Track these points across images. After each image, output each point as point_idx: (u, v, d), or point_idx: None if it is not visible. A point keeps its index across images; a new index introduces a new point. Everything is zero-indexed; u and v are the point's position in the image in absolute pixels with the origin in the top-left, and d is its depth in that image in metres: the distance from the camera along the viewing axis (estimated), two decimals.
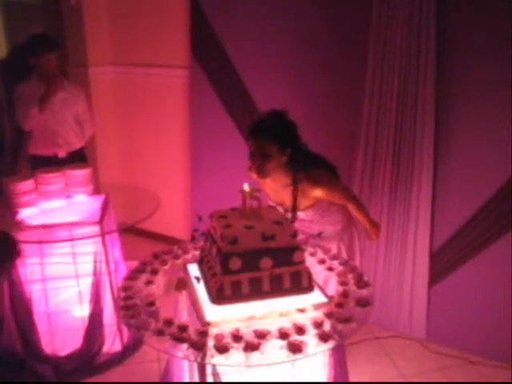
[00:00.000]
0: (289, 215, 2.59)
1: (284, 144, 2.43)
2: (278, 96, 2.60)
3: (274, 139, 2.41)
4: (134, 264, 2.42)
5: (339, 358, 2.19)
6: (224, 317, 1.93)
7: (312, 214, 2.71)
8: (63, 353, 3.09)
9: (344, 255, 2.78)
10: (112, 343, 3.18)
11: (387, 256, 3.42)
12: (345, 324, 1.92)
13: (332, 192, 2.61)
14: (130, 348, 3.26)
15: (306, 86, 3.50)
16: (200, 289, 2.10)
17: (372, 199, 3.36)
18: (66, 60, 4.45)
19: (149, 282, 2.23)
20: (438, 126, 3.12)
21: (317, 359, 2.06)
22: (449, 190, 3.20)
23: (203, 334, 1.84)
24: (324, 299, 2.06)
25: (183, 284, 2.21)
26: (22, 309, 3.00)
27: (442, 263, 3.30)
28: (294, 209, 2.62)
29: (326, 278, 2.32)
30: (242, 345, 1.78)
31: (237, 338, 1.81)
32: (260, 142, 2.42)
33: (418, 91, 3.08)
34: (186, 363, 2.19)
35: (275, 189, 2.68)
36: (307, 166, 2.55)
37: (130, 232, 4.04)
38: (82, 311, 3.11)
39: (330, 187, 2.59)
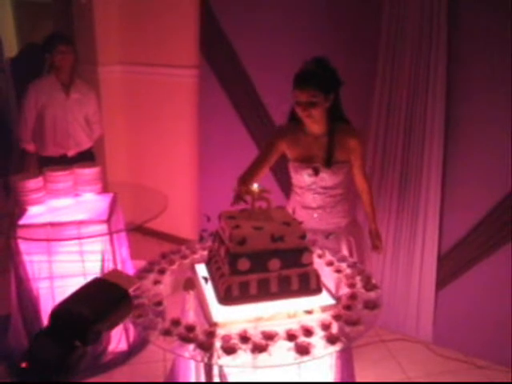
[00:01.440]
0: (314, 176, 2.67)
1: (328, 90, 2.55)
2: (287, 95, 2.63)
3: (319, 88, 2.51)
4: (141, 263, 2.41)
5: (346, 360, 2.18)
6: (231, 318, 1.92)
7: (338, 180, 2.70)
8: None
9: (354, 253, 2.79)
10: (118, 342, 3.19)
11: (395, 260, 3.41)
12: (352, 326, 1.90)
13: (361, 151, 2.70)
14: (136, 347, 3.27)
15: None
16: (208, 289, 2.09)
17: (380, 204, 3.35)
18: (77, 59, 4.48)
19: (156, 282, 2.23)
20: (447, 135, 3.12)
21: (324, 361, 2.05)
22: (456, 195, 3.19)
23: (210, 334, 1.83)
24: (332, 301, 2.05)
25: (191, 284, 2.21)
26: (29, 306, 3.02)
27: (450, 267, 3.29)
28: (329, 158, 2.64)
29: (337, 280, 2.30)
30: (250, 346, 1.77)
31: (244, 339, 1.80)
32: (306, 91, 2.51)
33: (428, 100, 3.08)
34: (192, 364, 2.19)
35: (307, 142, 2.70)
36: (344, 119, 2.71)
37: (138, 231, 4.05)
38: None
39: (361, 143, 2.69)
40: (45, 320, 3.03)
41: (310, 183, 2.71)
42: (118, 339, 3.18)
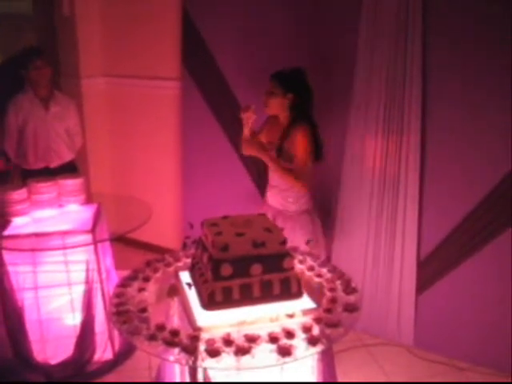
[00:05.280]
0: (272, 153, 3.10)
1: (287, 88, 2.99)
2: None
3: (279, 82, 3.01)
4: (125, 273, 2.44)
5: (328, 363, 2.22)
6: (215, 322, 1.97)
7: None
8: (54, 361, 3.10)
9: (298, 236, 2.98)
10: (103, 351, 3.20)
11: (375, 264, 3.47)
12: (333, 328, 1.96)
13: (298, 144, 2.99)
14: (122, 356, 3.27)
15: None
16: (191, 295, 2.13)
17: (360, 206, 3.42)
18: (57, 71, 4.50)
19: (141, 289, 2.26)
20: (424, 135, 3.20)
21: (306, 364, 2.10)
22: (437, 195, 3.25)
23: (195, 338, 1.87)
24: (313, 305, 2.10)
25: (175, 290, 2.25)
26: (13, 317, 3.02)
27: (430, 271, 3.35)
28: (278, 146, 3.07)
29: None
30: (233, 349, 1.81)
31: (228, 342, 1.84)
32: (271, 82, 3.03)
33: (405, 91, 3.16)
34: (177, 369, 2.23)
35: (273, 129, 3.16)
36: (303, 118, 3.03)
37: (121, 241, 4.06)
38: (74, 319, 3.13)
39: (301, 137, 2.98)
40: (30, 330, 3.05)
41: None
42: (104, 348, 3.19)
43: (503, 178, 3.00)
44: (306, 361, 2.07)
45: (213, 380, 1.95)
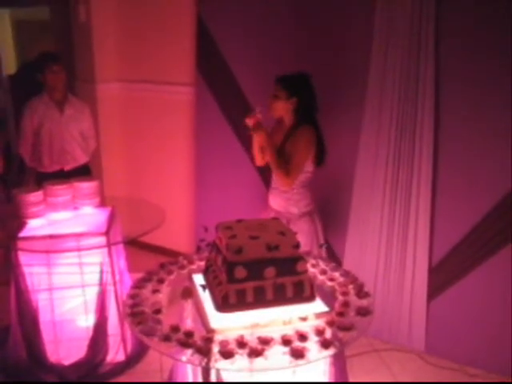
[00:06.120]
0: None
1: (291, 92, 3.05)
2: None
3: (283, 86, 3.06)
4: (138, 276, 2.47)
5: (340, 366, 2.23)
6: (229, 324, 1.99)
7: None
8: (67, 362, 3.13)
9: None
10: (116, 353, 3.22)
11: (386, 269, 3.47)
12: (345, 332, 1.97)
13: (297, 143, 3.05)
14: (134, 358, 3.30)
15: None
16: (205, 297, 2.15)
17: (371, 213, 3.43)
18: (73, 76, 4.56)
19: (155, 291, 2.29)
20: (436, 144, 3.20)
21: (318, 368, 2.11)
22: (448, 203, 3.26)
23: (209, 340, 1.89)
24: (325, 308, 2.12)
25: (189, 293, 2.27)
26: (28, 318, 3.05)
27: (441, 277, 3.35)
28: (280, 147, 3.13)
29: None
30: (246, 350, 1.83)
31: (241, 344, 1.86)
32: (275, 86, 3.09)
33: (418, 99, 3.17)
34: (189, 371, 2.24)
35: (277, 133, 3.21)
36: (307, 122, 3.08)
37: (134, 245, 4.09)
38: (87, 321, 3.16)
39: (302, 139, 3.04)
40: (43, 331, 3.08)
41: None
42: (116, 350, 3.22)
43: None
44: (319, 365, 2.09)
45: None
